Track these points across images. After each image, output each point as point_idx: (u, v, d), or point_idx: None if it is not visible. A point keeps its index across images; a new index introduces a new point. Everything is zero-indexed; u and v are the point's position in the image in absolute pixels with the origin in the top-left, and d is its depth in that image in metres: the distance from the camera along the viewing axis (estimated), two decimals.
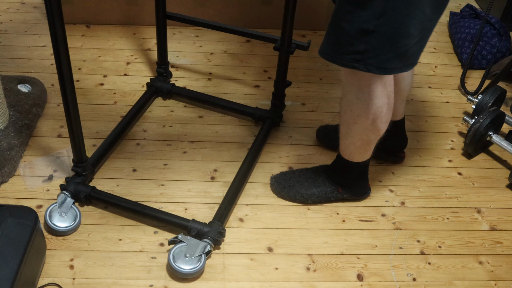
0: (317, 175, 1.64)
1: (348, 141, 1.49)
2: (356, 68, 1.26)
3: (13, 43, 2.21)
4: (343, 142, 1.52)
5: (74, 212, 1.51)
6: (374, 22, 1.18)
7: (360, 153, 1.51)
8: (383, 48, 1.21)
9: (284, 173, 1.69)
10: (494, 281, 1.50)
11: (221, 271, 1.45)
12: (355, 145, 1.49)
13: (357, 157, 1.53)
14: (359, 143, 1.47)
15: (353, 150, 1.51)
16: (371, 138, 1.45)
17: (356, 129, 1.43)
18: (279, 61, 1.78)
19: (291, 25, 1.66)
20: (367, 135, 1.44)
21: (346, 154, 1.53)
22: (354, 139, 1.46)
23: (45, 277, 1.39)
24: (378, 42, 1.20)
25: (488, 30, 2.27)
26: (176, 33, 2.34)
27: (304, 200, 1.63)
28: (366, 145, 1.48)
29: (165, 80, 1.99)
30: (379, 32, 1.19)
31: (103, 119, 1.88)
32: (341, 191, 1.62)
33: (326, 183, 1.62)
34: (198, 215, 1.58)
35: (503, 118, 1.87)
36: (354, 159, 1.53)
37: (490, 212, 1.69)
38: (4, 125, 1.70)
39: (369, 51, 1.22)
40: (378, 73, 1.27)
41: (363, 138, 1.45)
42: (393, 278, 1.48)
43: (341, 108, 1.45)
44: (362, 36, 1.20)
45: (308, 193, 1.62)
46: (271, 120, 1.86)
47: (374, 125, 1.39)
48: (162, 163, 1.74)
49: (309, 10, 2.37)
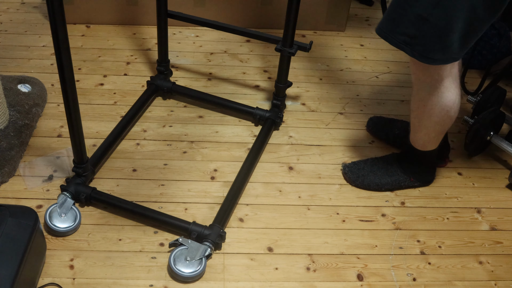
0: (389, 164, 1.71)
1: (422, 133, 1.57)
2: (403, 50, 1.32)
3: (13, 43, 2.21)
4: (416, 135, 1.59)
5: (74, 212, 1.51)
6: (430, 10, 1.23)
7: (433, 142, 1.60)
8: (432, 38, 1.27)
9: (356, 162, 1.75)
10: (494, 281, 1.50)
11: (221, 271, 1.45)
12: (429, 136, 1.57)
13: (430, 146, 1.61)
14: (433, 134, 1.56)
15: (426, 140, 1.59)
16: (445, 128, 1.55)
17: (430, 122, 1.51)
18: (281, 62, 1.78)
19: (293, 27, 1.66)
20: (441, 125, 1.52)
21: (419, 145, 1.61)
22: (429, 130, 1.54)
23: (45, 277, 1.39)
24: (428, 31, 1.26)
25: (488, 30, 2.27)
26: (176, 33, 2.34)
27: (378, 188, 1.70)
28: (440, 134, 1.57)
29: (166, 79, 1.99)
30: (432, 22, 1.24)
31: (103, 119, 1.88)
32: (413, 180, 1.69)
33: (399, 172, 1.69)
34: (198, 215, 1.58)
35: (503, 118, 1.87)
36: (427, 148, 1.61)
37: (490, 212, 1.69)
38: (4, 125, 1.70)
39: (418, 37, 1.28)
40: (421, 61, 1.33)
41: (437, 129, 1.54)
42: (393, 278, 1.48)
43: (413, 104, 1.53)
44: (417, 22, 1.26)
45: (382, 182, 1.69)
46: (272, 120, 1.86)
47: (448, 116, 1.48)
48: (162, 163, 1.74)
49: (309, 10, 2.37)
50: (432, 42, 1.28)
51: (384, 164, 1.71)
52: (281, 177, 1.73)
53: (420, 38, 1.28)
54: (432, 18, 1.24)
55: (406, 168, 1.69)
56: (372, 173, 1.70)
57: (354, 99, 2.08)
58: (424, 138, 1.58)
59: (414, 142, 1.62)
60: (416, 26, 1.27)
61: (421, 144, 1.61)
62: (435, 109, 1.46)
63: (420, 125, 1.55)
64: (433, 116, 1.48)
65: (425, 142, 1.60)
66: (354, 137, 1.91)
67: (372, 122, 1.93)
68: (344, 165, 1.75)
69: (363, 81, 2.18)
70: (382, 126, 1.91)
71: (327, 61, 2.28)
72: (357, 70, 2.24)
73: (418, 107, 1.50)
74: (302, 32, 2.42)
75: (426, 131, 1.56)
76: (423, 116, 1.51)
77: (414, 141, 1.62)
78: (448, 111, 1.46)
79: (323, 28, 2.45)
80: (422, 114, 1.51)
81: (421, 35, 1.27)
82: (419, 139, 1.60)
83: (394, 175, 1.69)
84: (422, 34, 1.27)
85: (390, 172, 1.69)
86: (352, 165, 1.74)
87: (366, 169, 1.71)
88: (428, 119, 1.50)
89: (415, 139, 1.61)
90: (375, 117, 1.95)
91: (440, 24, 1.24)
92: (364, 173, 1.70)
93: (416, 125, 1.56)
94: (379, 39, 1.44)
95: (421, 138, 1.59)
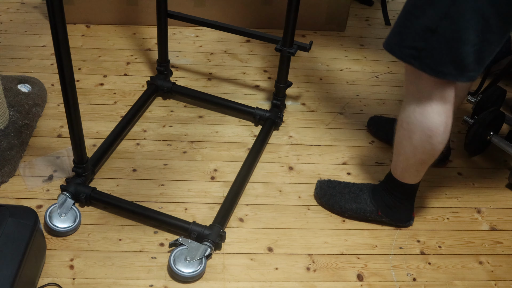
0: (361, 191, 1.61)
1: (401, 158, 1.45)
2: (412, 64, 1.25)
3: (13, 43, 2.21)
4: (395, 159, 1.48)
5: (74, 213, 1.51)
6: (438, 22, 1.18)
7: (411, 173, 1.47)
8: (441, 50, 1.21)
9: (331, 180, 1.67)
10: (494, 281, 1.50)
11: (221, 271, 1.45)
12: (408, 163, 1.44)
13: (408, 178, 1.48)
14: (412, 161, 1.43)
15: (405, 168, 1.47)
16: (425, 158, 1.40)
17: (410, 146, 1.39)
18: (281, 63, 1.78)
19: (293, 27, 1.66)
20: (421, 153, 1.39)
21: (397, 172, 1.49)
22: (408, 156, 1.42)
23: (45, 277, 1.39)
24: (438, 43, 1.20)
25: None
26: (176, 33, 2.34)
27: (341, 212, 1.61)
28: (419, 165, 1.43)
29: (166, 79, 1.99)
30: (440, 33, 1.19)
31: (103, 119, 1.88)
32: (380, 214, 1.58)
33: (367, 202, 1.58)
34: (198, 215, 1.58)
35: (503, 118, 1.87)
36: (404, 179, 1.49)
37: (490, 212, 1.69)
38: (4, 125, 1.70)
39: (427, 50, 1.22)
40: (431, 74, 1.25)
41: (417, 156, 1.40)
42: (393, 278, 1.48)
43: (397, 123, 1.41)
44: (424, 34, 1.21)
45: (346, 207, 1.60)
46: (272, 120, 1.86)
47: (430, 143, 1.35)
48: (162, 163, 1.74)
49: (309, 10, 2.37)
50: (442, 54, 1.22)
51: (356, 189, 1.62)
52: (281, 177, 1.73)
53: (429, 50, 1.22)
54: (441, 29, 1.18)
55: (378, 199, 1.57)
56: (340, 195, 1.61)
57: (354, 99, 2.08)
58: (403, 165, 1.46)
59: (393, 168, 1.51)
60: (424, 39, 1.21)
61: (399, 173, 1.49)
62: (417, 129, 1.35)
63: (401, 148, 1.43)
64: (413, 138, 1.37)
65: (403, 170, 1.47)
66: (354, 137, 1.91)
67: (372, 121, 1.93)
68: (318, 180, 1.68)
69: (363, 81, 2.18)
70: (382, 125, 1.90)
71: (327, 61, 2.28)
72: (357, 70, 2.24)
73: (401, 124, 1.40)
74: (302, 32, 2.42)
75: (405, 157, 1.43)
76: (404, 137, 1.40)
77: (393, 167, 1.51)
78: (430, 137, 1.34)
79: (323, 28, 2.45)
80: (403, 135, 1.40)
81: (431, 47, 1.22)
82: (398, 165, 1.48)
83: (362, 203, 1.59)
84: (431, 47, 1.21)
85: (359, 199, 1.59)
86: (325, 182, 1.67)
87: (336, 189, 1.63)
88: (408, 141, 1.39)
89: (394, 165, 1.50)
90: (376, 117, 1.95)
91: (449, 35, 1.18)
92: (332, 192, 1.63)
93: (397, 147, 1.45)
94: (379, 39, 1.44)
95: (400, 163, 1.47)
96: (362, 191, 1.61)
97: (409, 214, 1.59)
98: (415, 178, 1.49)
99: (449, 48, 1.20)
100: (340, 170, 1.77)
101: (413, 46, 1.24)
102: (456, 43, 1.19)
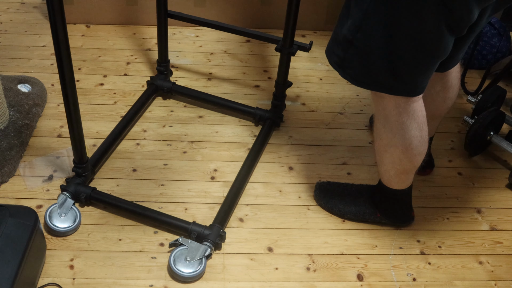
0: (360, 193, 1.60)
1: (383, 169, 1.45)
2: (338, 72, 1.26)
3: (13, 43, 2.21)
4: (379, 169, 1.47)
5: (74, 213, 1.51)
6: (354, 34, 1.17)
7: (397, 181, 1.46)
8: (360, 61, 1.20)
9: (330, 182, 1.67)
10: (494, 281, 1.50)
11: (221, 271, 1.45)
12: (389, 173, 1.44)
13: (395, 185, 1.47)
14: (393, 172, 1.42)
15: (389, 177, 1.45)
16: (406, 168, 1.39)
17: (387, 158, 1.39)
18: (281, 62, 1.78)
19: (293, 27, 1.66)
20: (400, 164, 1.38)
21: (384, 179, 1.48)
22: (388, 167, 1.41)
23: (45, 277, 1.39)
24: (354, 54, 1.20)
25: (488, 30, 2.27)
26: (176, 33, 2.34)
27: (340, 214, 1.60)
28: (402, 174, 1.42)
29: (166, 79, 1.99)
30: (355, 45, 1.18)
31: (103, 119, 1.88)
32: (379, 216, 1.57)
33: (366, 204, 1.57)
34: (198, 215, 1.58)
35: (503, 118, 1.87)
36: (392, 186, 1.47)
37: (490, 212, 1.69)
38: (4, 125, 1.70)
39: (347, 60, 1.22)
40: (356, 85, 1.26)
41: (397, 167, 1.39)
42: (393, 278, 1.48)
43: (373, 135, 1.41)
44: (345, 44, 1.21)
45: (345, 209, 1.59)
46: (272, 120, 1.86)
47: (406, 156, 1.34)
48: (162, 163, 1.74)
49: (309, 10, 2.37)
50: (361, 66, 1.21)
51: (355, 192, 1.61)
52: (281, 177, 1.73)
53: (348, 61, 1.22)
54: (356, 42, 1.18)
55: (378, 201, 1.56)
56: (339, 197, 1.61)
57: (354, 99, 2.08)
58: (387, 174, 1.45)
59: (380, 176, 1.49)
60: (344, 49, 1.21)
61: (386, 180, 1.47)
62: (391, 144, 1.34)
63: (380, 159, 1.42)
64: (388, 152, 1.36)
65: (389, 178, 1.46)
66: (354, 137, 1.91)
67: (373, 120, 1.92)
68: (317, 182, 1.67)
69: None
70: None
71: (327, 61, 2.27)
72: None
73: (375, 139, 1.39)
74: (302, 32, 2.42)
75: (386, 168, 1.42)
76: (380, 150, 1.39)
77: (380, 175, 1.49)
78: (405, 150, 1.32)
79: (323, 28, 2.45)
80: (379, 148, 1.39)
81: (349, 58, 1.21)
82: (383, 173, 1.47)
83: (361, 205, 1.58)
84: (349, 57, 1.21)
85: (358, 201, 1.58)
86: (324, 184, 1.66)
87: (335, 191, 1.62)
88: (384, 154, 1.39)
89: (380, 173, 1.48)
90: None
91: (362, 49, 1.18)
92: (331, 195, 1.62)
93: (377, 158, 1.44)
94: None
95: (383, 174, 1.46)
96: (361, 194, 1.60)
97: (408, 215, 1.59)
98: (402, 185, 1.48)
99: (367, 60, 1.19)
100: (340, 170, 1.77)
101: (337, 54, 1.24)
102: (372, 57, 1.18)
